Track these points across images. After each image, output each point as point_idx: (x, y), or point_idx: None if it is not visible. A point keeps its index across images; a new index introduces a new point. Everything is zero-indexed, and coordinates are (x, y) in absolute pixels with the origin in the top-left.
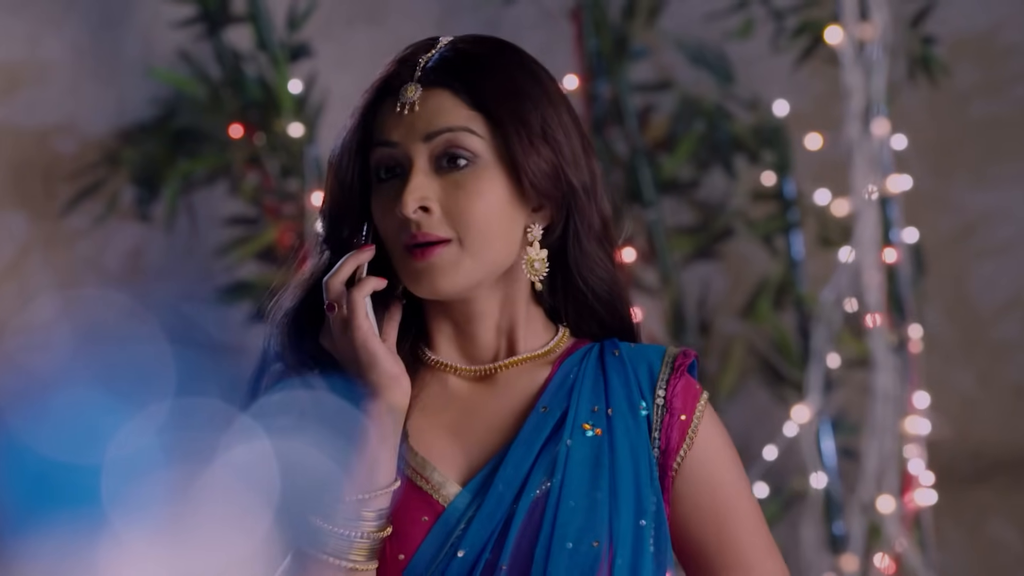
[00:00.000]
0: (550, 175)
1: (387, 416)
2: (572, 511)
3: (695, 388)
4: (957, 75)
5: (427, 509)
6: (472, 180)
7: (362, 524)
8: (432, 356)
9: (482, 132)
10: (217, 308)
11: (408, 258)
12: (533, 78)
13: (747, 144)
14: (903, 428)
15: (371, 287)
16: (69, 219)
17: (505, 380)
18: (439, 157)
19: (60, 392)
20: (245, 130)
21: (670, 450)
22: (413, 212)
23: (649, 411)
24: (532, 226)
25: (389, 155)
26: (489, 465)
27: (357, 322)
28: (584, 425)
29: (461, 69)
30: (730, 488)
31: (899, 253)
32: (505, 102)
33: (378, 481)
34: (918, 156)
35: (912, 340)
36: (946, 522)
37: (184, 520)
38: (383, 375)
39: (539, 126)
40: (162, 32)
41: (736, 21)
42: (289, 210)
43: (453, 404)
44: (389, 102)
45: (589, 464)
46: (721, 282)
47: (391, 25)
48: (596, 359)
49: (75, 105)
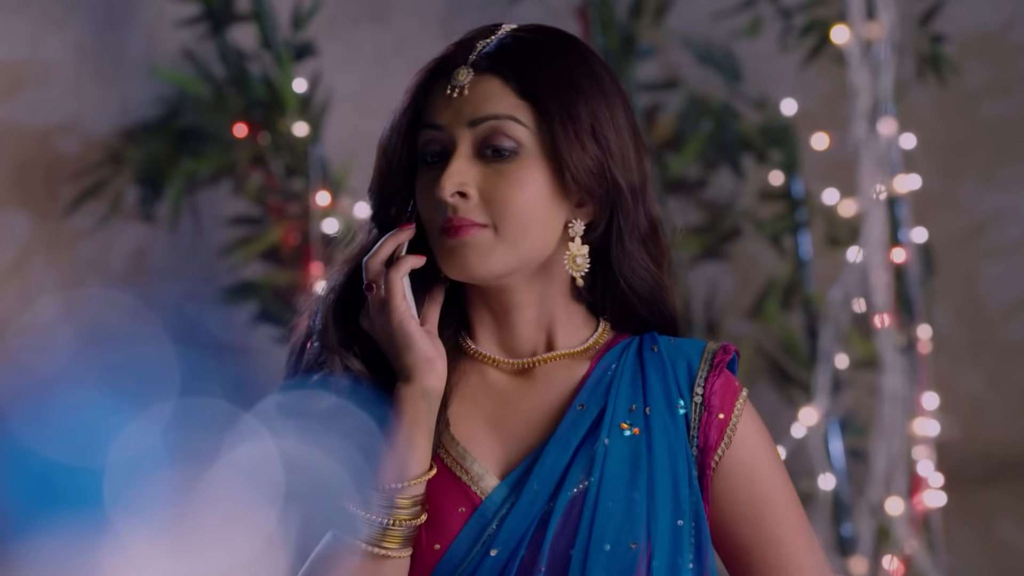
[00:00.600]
0: (594, 172)
1: (421, 400)
2: (610, 511)
3: (734, 386)
4: (966, 74)
5: (465, 500)
6: (513, 169)
7: (396, 511)
8: (473, 346)
9: (528, 122)
10: (221, 309)
11: (442, 237)
12: (589, 72)
13: (755, 143)
14: (912, 429)
15: (409, 266)
16: (72, 219)
17: (544, 374)
18: (483, 144)
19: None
20: (249, 129)
21: (708, 448)
22: (450, 196)
23: (687, 409)
24: (574, 221)
25: (435, 138)
26: (527, 461)
27: (394, 303)
28: (622, 424)
29: (515, 56)
30: (769, 486)
31: (908, 253)
32: (555, 93)
33: (413, 467)
34: (927, 156)
35: (921, 340)
36: (955, 524)
37: (187, 521)
38: (418, 358)
39: (588, 122)
40: (166, 31)
41: (744, 19)
42: (293, 210)
43: (492, 396)
44: (440, 84)
45: (627, 464)
46: (729, 282)
47: (396, 23)
48: (635, 355)
49: (78, 105)
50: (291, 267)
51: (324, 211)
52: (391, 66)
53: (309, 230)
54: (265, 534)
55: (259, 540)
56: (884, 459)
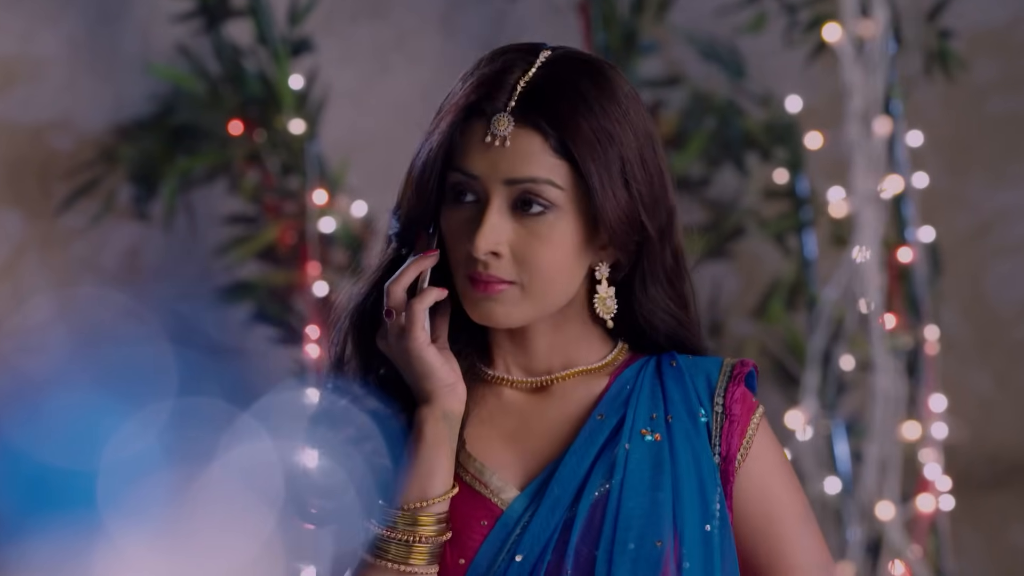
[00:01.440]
0: (626, 222)
1: (442, 422)
2: (632, 511)
3: (752, 399)
4: (974, 70)
5: (486, 513)
6: (546, 228)
7: (420, 529)
8: (489, 372)
9: (564, 183)
10: (216, 309)
11: (469, 286)
12: (623, 115)
13: (759, 141)
14: (908, 433)
15: (432, 299)
16: (65, 218)
17: (561, 391)
18: (518, 199)
19: (56, 395)
20: (245, 127)
21: (730, 456)
22: (483, 255)
23: (708, 418)
24: (600, 265)
25: (469, 185)
26: (546, 470)
27: (414, 333)
28: (643, 431)
29: (553, 107)
30: (782, 503)
31: (914, 252)
32: (591, 148)
33: (435, 486)
34: (934, 153)
35: (928, 341)
36: (963, 528)
37: (183, 524)
38: (438, 384)
39: (620, 172)
40: (160, 27)
41: (748, 15)
42: (290, 208)
43: (509, 414)
44: (478, 127)
45: (649, 466)
46: (732, 282)
47: (394, 19)
48: (654, 370)
49: (71, 101)
50: (288, 267)
51: (321, 210)
52: (390, 62)
53: (306, 229)
54: (263, 538)
55: (257, 544)
56: (876, 462)
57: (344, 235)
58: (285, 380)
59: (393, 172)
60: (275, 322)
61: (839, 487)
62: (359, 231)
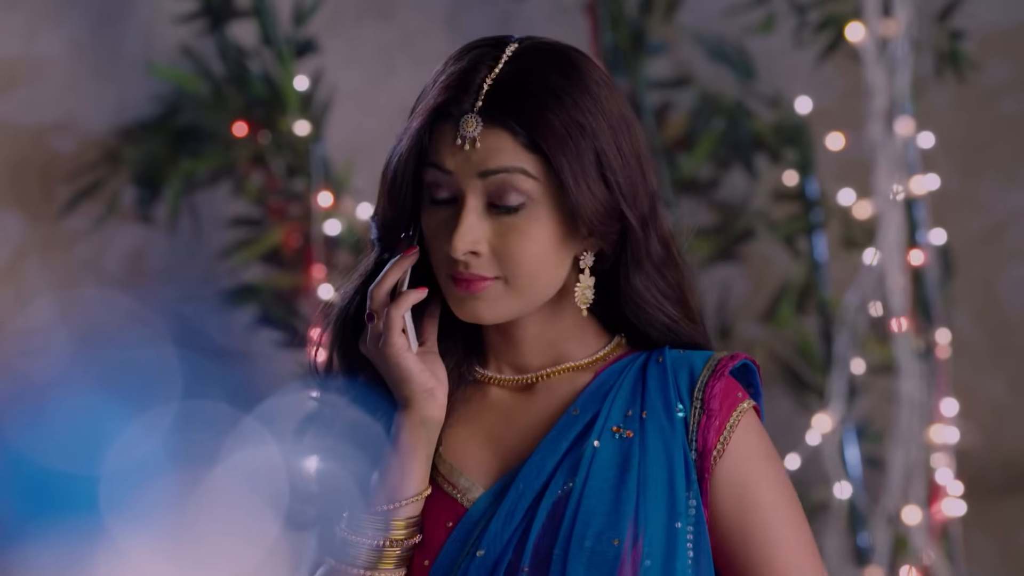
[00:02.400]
0: (604, 213)
1: (419, 428)
2: (592, 509)
3: (736, 392)
4: (986, 71)
5: (452, 515)
6: (524, 223)
7: (391, 532)
8: (479, 371)
9: (537, 174)
10: (220, 312)
11: (452, 285)
12: (595, 105)
13: (768, 142)
14: (930, 436)
15: (410, 302)
16: (67, 220)
17: (545, 388)
18: (492, 196)
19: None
20: (249, 128)
21: (706, 451)
22: (463, 255)
23: (686, 413)
24: (584, 254)
25: (443, 181)
26: (514, 468)
27: (391, 339)
28: (614, 428)
29: (522, 104)
30: (762, 504)
31: (926, 255)
32: (562, 141)
33: (406, 490)
34: (946, 155)
35: (940, 345)
36: (975, 533)
37: (187, 529)
38: (416, 389)
39: (595, 163)
40: (164, 27)
41: (757, 15)
42: (295, 211)
43: (492, 413)
44: (447, 128)
45: (616, 465)
46: (742, 285)
47: (400, 20)
48: (639, 368)
49: (74, 103)
50: (292, 270)
51: (326, 212)
52: (395, 63)
53: (311, 231)
54: (267, 543)
55: (261, 549)
56: (901, 467)
57: (349, 237)
58: (290, 383)
59: None
60: (280, 325)
61: (851, 491)
62: (364, 233)
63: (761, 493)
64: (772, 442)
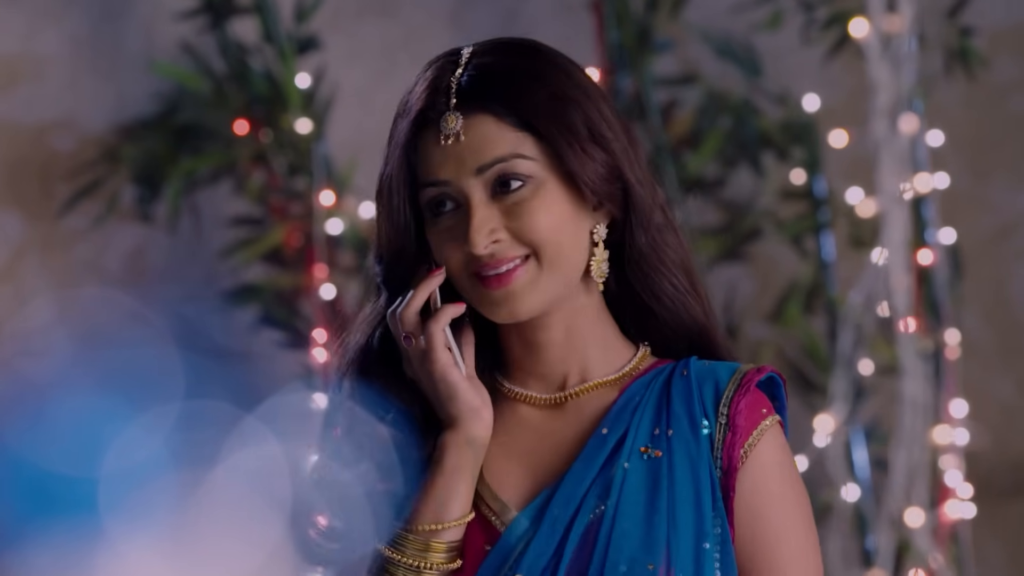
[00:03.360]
0: (606, 176)
1: (466, 448)
2: (626, 534)
3: (761, 407)
4: (996, 68)
5: (487, 537)
6: (530, 197)
7: (431, 555)
8: (507, 385)
9: (532, 153)
10: (222, 312)
11: (480, 287)
12: (568, 78)
13: (775, 141)
14: (938, 438)
15: (449, 316)
16: (67, 220)
17: (575, 406)
18: (495, 185)
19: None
20: (251, 126)
21: (732, 469)
22: (485, 248)
23: (712, 430)
24: (597, 226)
25: (442, 193)
26: (547, 490)
27: (435, 355)
28: (642, 448)
29: (498, 87)
30: (777, 520)
31: (935, 255)
32: (550, 115)
33: (450, 513)
34: (955, 153)
35: (949, 346)
36: (984, 536)
37: (187, 531)
38: (463, 407)
39: (585, 129)
40: (164, 24)
41: (764, 12)
42: (297, 210)
43: (523, 432)
44: (430, 134)
45: (646, 487)
46: (748, 285)
47: (403, 17)
48: (664, 381)
49: (74, 101)
50: (294, 269)
51: (328, 211)
52: (398, 61)
53: (313, 231)
54: (270, 544)
55: (263, 550)
56: (904, 468)
57: (352, 237)
58: (292, 383)
59: None
60: (281, 325)
61: (858, 494)
62: (367, 233)
63: (772, 520)
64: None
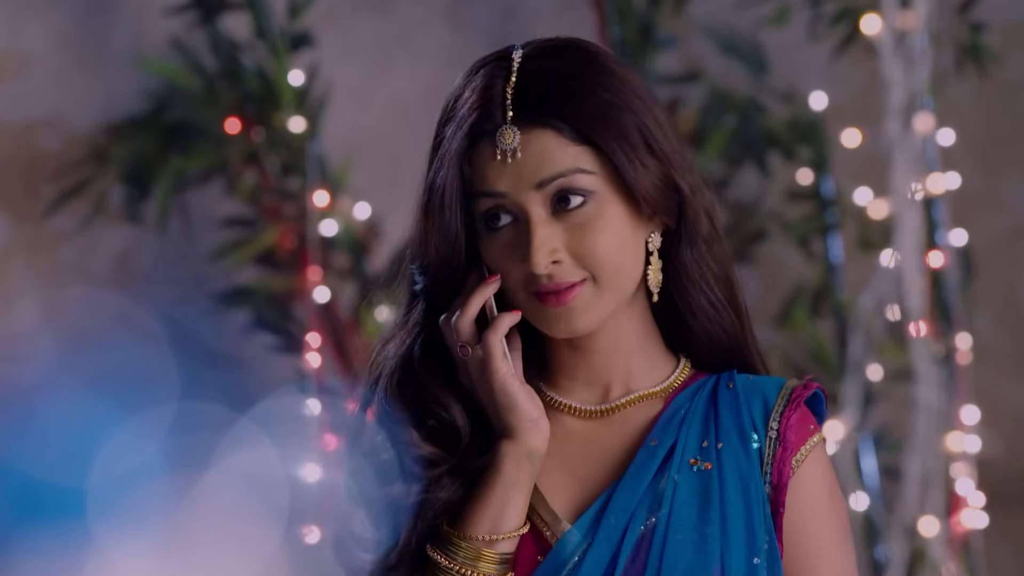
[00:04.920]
0: (662, 187)
1: (525, 459)
2: (680, 546)
3: (809, 424)
4: (1008, 65)
5: (539, 547)
6: (593, 216)
7: (481, 565)
8: (550, 394)
9: (592, 167)
10: (212, 316)
11: (539, 304)
12: (622, 84)
13: (782, 140)
14: (950, 445)
15: (507, 325)
16: (53, 220)
17: (621, 418)
18: (555, 201)
19: (45, 403)
20: (242, 125)
21: (781, 486)
22: (545, 268)
23: (761, 444)
24: (652, 235)
25: (499, 205)
26: (599, 501)
27: (495, 365)
28: (692, 460)
29: (554, 98)
30: (819, 540)
31: (946, 256)
32: (606, 126)
33: (506, 524)
34: (966, 152)
35: (960, 350)
36: (997, 546)
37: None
38: (523, 418)
39: (641, 138)
40: (153, 20)
41: (770, 7)
42: (290, 211)
43: (570, 443)
44: (486, 148)
45: (697, 499)
46: (754, 288)
47: (399, 12)
48: (709, 393)
49: (60, 98)
50: (287, 272)
51: (322, 212)
52: (394, 57)
53: (306, 232)
54: (266, 556)
55: (259, 561)
56: (918, 476)
57: (346, 238)
58: (285, 387)
59: (397, 172)
60: (274, 329)
61: (868, 502)
62: (362, 234)
63: (816, 538)
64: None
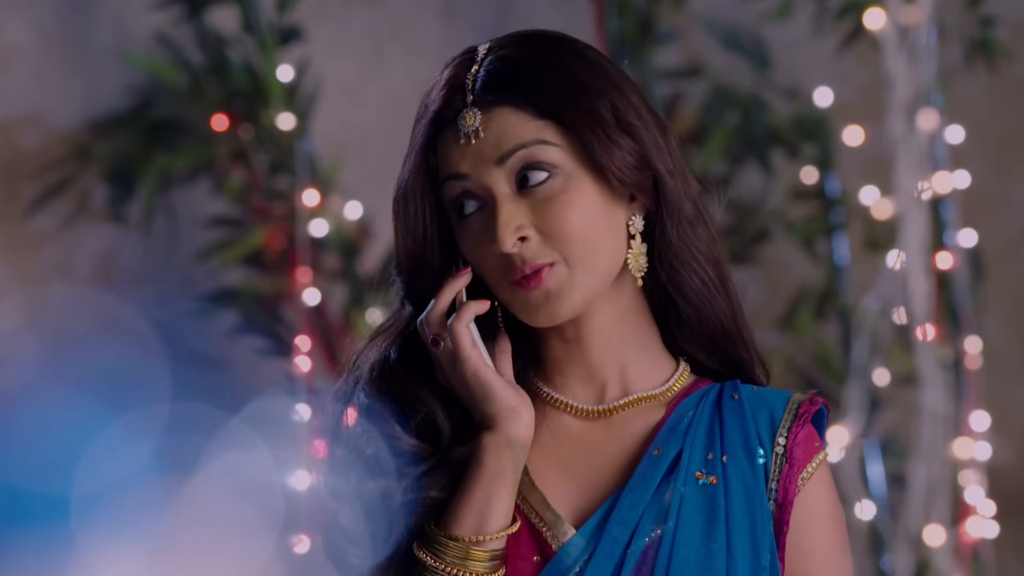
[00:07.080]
0: (635, 165)
1: (506, 450)
2: (685, 560)
3: (814, 441)
4: (1019, 60)
5: (538, 549)
6: (559, 192)
7: (471, 564)
8: (546, 390)
9: (556, 140)
10: (199, 317)
11: (517, 291)
12: (591, 66)
13: (785, 137)
14: (960, 452)
15: (472, 312)
16: (34, 220)
17: (620, 421)
18: (519, 176)
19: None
20: (230, 122)
21: (787, 503)
22: (512, 246)
23: (767, 459)
24: (632, 218)
25: (463, 188)
26: (603, 508)
27: (464, 354)
28: (697, 473)
29: (515, 79)
30: (819, 559)
31: (955, 258)
32: (571, 101)
33: (492, 522)
34: (976, 150)
35: (969, 354)
36: (1008, 556)
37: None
38: (500, 407)
39: (611, 116)
40: (137, 13)
41: (773, 1)
42: (278, 210)
43: (567, 442)
44: (449, 134)
45: (703, 513)
46: (757, 289)
47: (391, 6)
48: (713, 402)
49: (41, 95)
50: (276, 273)
51: (312, 211)
52: (386, 52)
53: (295, 232)
54: (258, 565)
55: (251, 570)
56: (924, 484)
57: (337, 239)
58: (273, 390)
59: (389, 170)
60: (262, 332)
61: (873, 511)
62: (353, 234)
63: (818, 557)
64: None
